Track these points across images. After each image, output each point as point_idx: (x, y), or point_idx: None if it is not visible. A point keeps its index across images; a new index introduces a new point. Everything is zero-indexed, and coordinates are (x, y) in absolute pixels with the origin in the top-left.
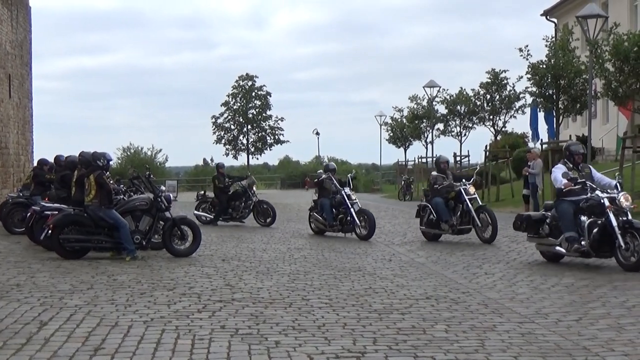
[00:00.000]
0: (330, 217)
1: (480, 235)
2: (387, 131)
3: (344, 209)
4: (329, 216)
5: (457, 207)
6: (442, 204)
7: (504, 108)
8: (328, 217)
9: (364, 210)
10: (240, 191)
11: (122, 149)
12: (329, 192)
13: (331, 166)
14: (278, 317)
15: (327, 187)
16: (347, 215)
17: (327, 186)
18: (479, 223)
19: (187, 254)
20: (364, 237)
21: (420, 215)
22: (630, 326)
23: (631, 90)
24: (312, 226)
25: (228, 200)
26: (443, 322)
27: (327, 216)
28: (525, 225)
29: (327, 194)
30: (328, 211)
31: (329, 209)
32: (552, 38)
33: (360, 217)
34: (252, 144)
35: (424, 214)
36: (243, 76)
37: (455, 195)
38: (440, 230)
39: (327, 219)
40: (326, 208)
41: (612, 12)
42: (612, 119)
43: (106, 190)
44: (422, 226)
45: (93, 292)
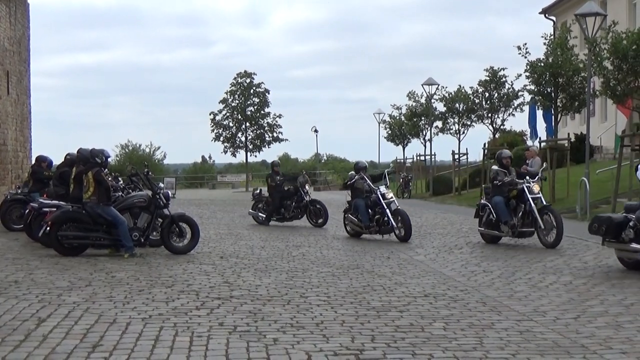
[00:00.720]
0: (366, 218)
1: (543, 239)
2: (385, 129)
3: (380, 209)
4: (365, 217)
5: (518, 207)
6: (502, 203)
7: (502, 106)
8: (364, 219)
9: (398, 210)
10: (291, 190)
11: (120, 146)
12: (362, 191)
13: (361, 164)
14: (276, 314)
15: (359, 187)
16: (383, 215)
17: (359, 186)
18: (542, 225)
19: (185, 251)
20: (402, 238)
21: (480, 215)
22: (628, 324)
23: (629, 89)
24: (348, 229)
25: (280, 199)
26: (441, 319)
27: (363, 217)
28: (604, 229)
29: (360, 193)
30: (363, 212)
31: (364, 209)
32: (550, 36)
33: (395, 217)
34: (250, 141)
35: (483, 214)
36: (241, 73)
37: (517, 194)
38: (500, 232)
39: (363, 221)
40: (361, 209)
41: (610, 10)
42: (611, 117)
43: (104, 187)
44: (481, 227)
45: (91, 289)
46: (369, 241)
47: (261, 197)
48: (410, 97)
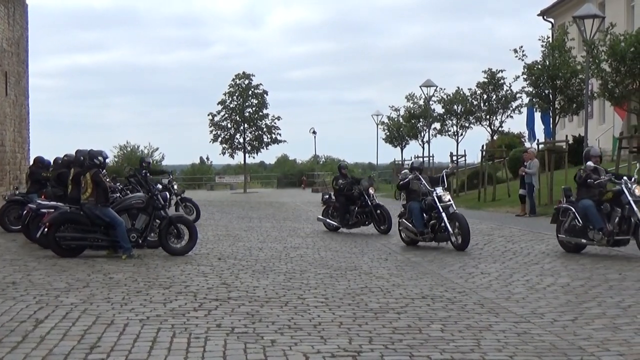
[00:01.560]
0: (419, 223)
1: None
2: (383, 130)
3: (436, 213)
4: (419, 222)
5: (613, 212)
6: (593, 207)
7: (500, 108)
8: (417, 224)
9: (455, 214)
10: (355, 194)
11: (118, 147)
12: (418, 193)
13: (417, 163)
14: (274, 315)
15: (415, 189)
16: (439, 221)
17: (415, 187)
18: None
19: (183, 252)
20: (459, 246)
21: (559, 220)
22: (626, 326)
23: (627, 91)
24: (403, 235)
25: (345, 204)
26: (439, 321)
27: (417, 223)
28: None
29: (416, 196)
30: (417, 217)
31: (419, 214)
32: (547, 38)
33: (452, 223)
34: (248, 142)
35: (564, 219)
36: (240, 75)
37: (612, 197)
38: (589, 241)
39: (417, 226)
40: (415, 213)
41: (608, 12)
42: (609, 119)
43: (102, 188)
44: (562, 234)
45: (89, 290)
46: (367, 242)
47: (330, 201)
48: (409, 98)
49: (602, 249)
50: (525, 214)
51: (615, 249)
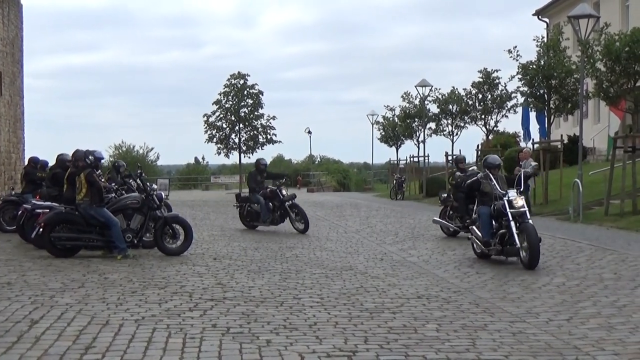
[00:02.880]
0: (486, 232)
1: None
2: (379, 130)
3: (506, 221)
4: (485, 231)
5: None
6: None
7: (495, 107)
8: (483, 233)
9: (525, 225)
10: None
11: (113, 147)
12: (490, 196)
13: (491, 159)
14: (269, 316)
15: (487, 191)
16: (509, 231)
17: (486, 189)
18: None
19: (178, 252)
20: (527, 264)
21: None
22: (621, 325)
23: (622, 90)
24: (474, 246)
25: (465, 202)
26: (434, 321)
27: (483, 231)
28: None
29: (487, 200)
30: (485, 224)
31: (487, 221)
32: (542, 38)
33: (520, 235)
34: (244, 142)
35: None
36: (235, 75)
37: None
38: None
39: (483, 235)
40: (482, 220)
41: (603, 12)
42: (604, 118)
43: (97, 188)
44: None
45: (84, 290)
46: (362, 243)
47: (447, 200)
48: (404, 98)
49: None
50: None
51: None
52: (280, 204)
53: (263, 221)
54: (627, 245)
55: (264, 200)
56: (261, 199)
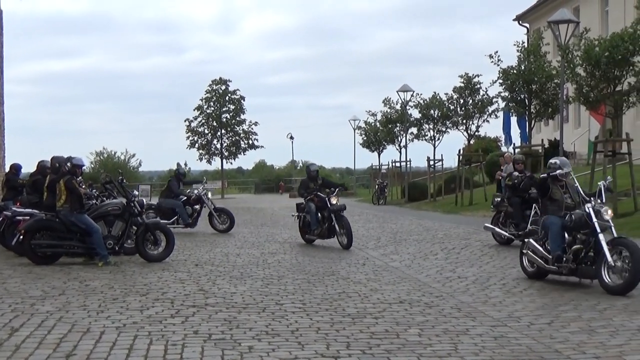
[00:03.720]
0: (557, 245)
1: None
2: (360, 135)
3: (586, 235)
4: (557, 245)
5: None
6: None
7: (477, 112)
8: (553, 247)
9: (622, 240)
10: (533, 195)
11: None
12: (560, 205)
13: (562, 162)
14: (251, 322)
15: (556, 198)
16: (588, 246)
17: (556, 195)
18: None
19: (160, 259)
20: (617, 289)
21: None
22: (602, 329)
23: (602, 95)
24: (525, 262)
25: (522, 207)
26: (416, 326)
27: (553, 245)
28: None
29: (556, 208)
30: (555, 237)
31: (558, 233)
32: (523, 43)
33: (613, 250)
34: (226, 148)
35: None
36: (216, 80)
37: None
38: None
39: (552, 249)
40: (553, 231)
41: (583, 17)
42: (584, 123)
43: (76, 195)
44: None
45: (65, 298)
46: (321, 243)
47: (501, 205)
48: (386, 103)
49: None
50: None
51: None
52: (329, 215)
53: (311, 231)
54: None
55: (314, 209)
56: (312, 206)
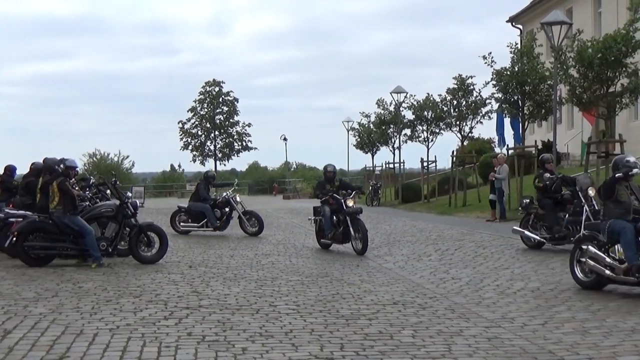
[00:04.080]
0: (633, 254)
1: None
2: (354, 137)
3: None
4: (632, 253)
5: None
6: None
7: (470, 114)
8: (629, 256)
9: None
10: (566, 196)
11: (88, 155)
12: (627, 208)
13: (628, 162)
14: (245, 323)
15: (623, 200)
16: None
17: (622, 197)
18: None
19: (153, 260)
20: None
21: None
22: (595, 330)
23: (595, 96)
24: (578, 273)
25: (554, 209)
26: (410, 327)
27: (628, 253)
28: None
29: (623, 212)
30: (629, 244)
31: (633, 240)
32: (516, 45)
33: None
34: (219, 150)
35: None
36: (210, 82)
37: None
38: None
39: (629, 258)
40: (626, 237)
41: (576, 18)
42: (577, 124)
43: (70, 196)
44: None
45: (58, 299)
46: (337, 249)
47: (530, 207)
48: (379, 104)
49: None
50: (496, 219)
51: None
52: (344, 218)
53: (326, 235)
54: None
55: (329, 211)
56: (327, 209)
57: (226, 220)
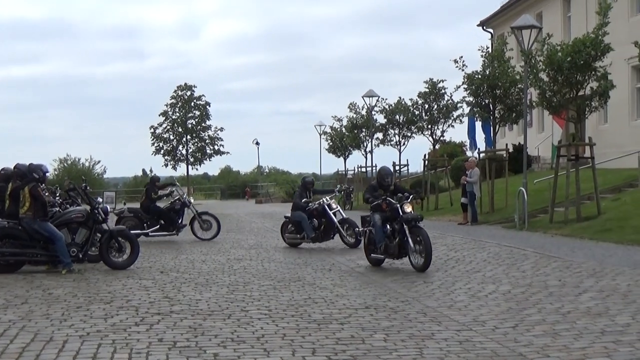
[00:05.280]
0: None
1: None
2: (326, 140)
3: None
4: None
5: None
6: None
7: (442, 117)
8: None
9: None
10: None
11: (58, 160)
12: None
13: None
14: (217, 328)
15: None
16: None
17: None
18: None
19: (124, 266)
20: None
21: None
22: (565, 332)
23: (565, 100)
24: None
25: None
26: (382, 331)
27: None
28: None
29: None
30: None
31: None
32: (487, 48)
33: None
34: (191, 154)
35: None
36: (181, 86)
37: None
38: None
39: None
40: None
41: (546, 23)
42: (548, 127)
43: (41, 202)
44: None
45: (27, 306)
46: (310, 253)
47: None
48: (351, 108)
49: None
50: (467, 222)
51: None
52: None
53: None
54: (572, 253)
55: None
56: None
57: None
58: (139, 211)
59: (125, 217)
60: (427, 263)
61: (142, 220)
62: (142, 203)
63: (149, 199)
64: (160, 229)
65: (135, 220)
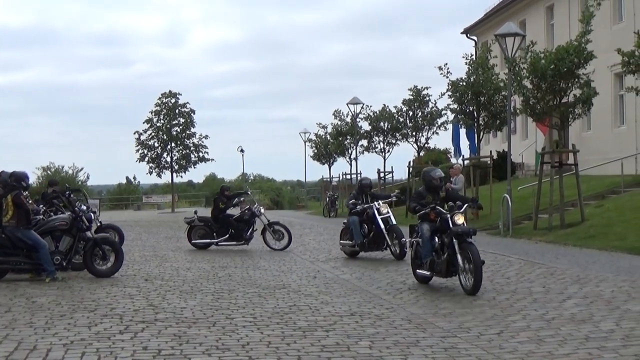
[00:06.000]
0: None
1: None
2: (311, 148)
3: None
4: None
5: None
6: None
7: (426, 124)
8: None
9: None
10: None
11: (41, 168)
12: None
13: None
14: (202, 336)
15: None
16: None
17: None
18: None
19: (109, 274)
20: None
21: None
22: (550, 338)
23: (548, 107)
24: None
25: None
26: (367, 338)
27: None
28: None
29: None
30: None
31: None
32: (471, 56)
33: None
34: (176, 161)
35: None
36: (166, 93)
37: None
38: None
39: None
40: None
41: (529, 30)
42: (532, 134)
43: (24, 210)
44: None
45: (11, 315)
46: (295, 261)
47: None
48: (336, 115)
49: None
50: None
51: None
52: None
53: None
54: (555, 259)
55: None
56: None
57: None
58: (209, 220)
59: (196, 225)
60: (476, 285)
61: (211, 229)
62: (212, 212)
63: (217, 208)
64: (229, 239)
65: (205, 229)
